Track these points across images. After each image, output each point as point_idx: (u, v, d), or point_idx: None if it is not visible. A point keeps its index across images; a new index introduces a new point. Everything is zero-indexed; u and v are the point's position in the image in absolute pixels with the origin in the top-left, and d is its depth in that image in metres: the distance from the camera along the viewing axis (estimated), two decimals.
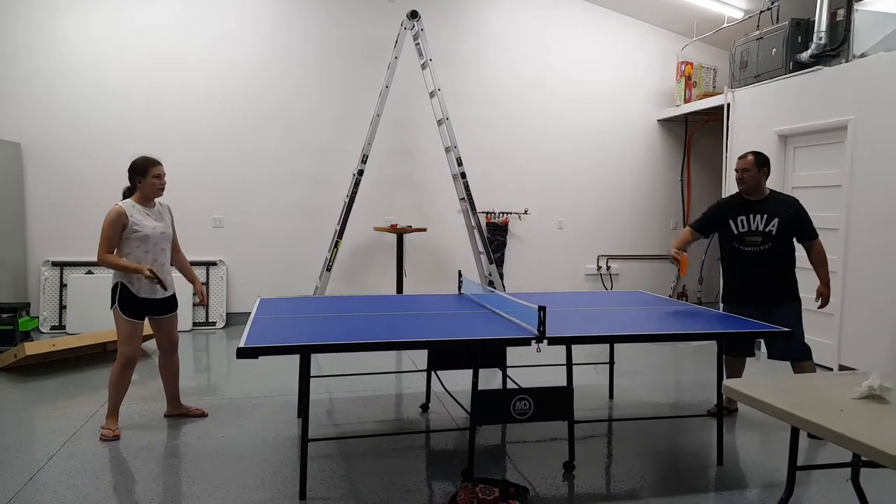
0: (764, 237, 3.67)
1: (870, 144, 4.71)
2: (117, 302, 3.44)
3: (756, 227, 3.69)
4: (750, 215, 3.71)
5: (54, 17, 6.08)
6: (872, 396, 2.11)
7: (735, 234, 3.76)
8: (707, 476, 3.14)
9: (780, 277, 3.70)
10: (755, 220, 3.69)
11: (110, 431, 3.46)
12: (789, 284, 3.73)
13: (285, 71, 6.57)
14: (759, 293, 3.70)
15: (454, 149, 6.28)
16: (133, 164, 3.50)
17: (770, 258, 3.68)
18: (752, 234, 3.71)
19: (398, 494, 2.86)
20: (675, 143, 7.60)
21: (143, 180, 3.48)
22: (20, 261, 6.08)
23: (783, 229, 3.64)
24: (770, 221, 3.65)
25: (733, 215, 3.77)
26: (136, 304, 3.47)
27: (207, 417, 3.84)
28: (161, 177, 3.53)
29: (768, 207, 3.68)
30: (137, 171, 3.49)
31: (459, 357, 3.68)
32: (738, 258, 3.77)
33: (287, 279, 6.56)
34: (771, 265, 3.69)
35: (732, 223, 3.76)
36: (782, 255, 3.69)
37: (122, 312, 3.44)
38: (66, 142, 6.17)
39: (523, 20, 7.07)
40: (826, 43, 5.23)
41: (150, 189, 3.50)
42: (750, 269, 3.74)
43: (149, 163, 3.50)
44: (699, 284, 7.68)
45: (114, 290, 3.46)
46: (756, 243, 3.70)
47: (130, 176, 3.51)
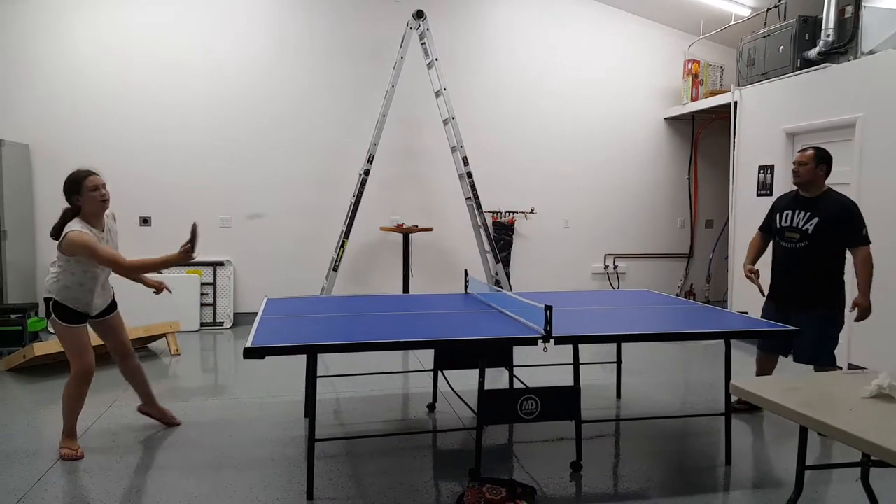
0: (801, 234, 3.54)
1: (878, 142, 4.67)
2: (52, 311, 3.16)
3: (797, 223, 3.56)
4: (796, 210, 3.59)
5: (62, 20, 6.12)
6: (882, 395, 2.10)
7: (777, 227, 3.68)
8: (715, 476, 3.12)
9: (815, 280, 3.53)
10: (798, 216, 3.57)
11: (71, 452, 3.20)
12: (824, 289, 3.54)
13: (292, 72, 6.59)
14: (789, 292, 3.61)
15: (460, 148, 6.27)
16: (65, 184, 3.13)
17: (805, 257, 3.53)
18: (791, 229, 3.59)
19: (405, 494, 2.86)
20: (682, 141, 7.56)
21: (80, 198, 3.10)
22: (29, 262, 6.11)
23: (822, 229, 3.47)
24: (810, 220, 3.51)
25: (781, 209, 3.69)
26: (75, 314, 3.20)
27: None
28: (99, 187, 3.13)
29: (815, 206, 3.54)
30: (72, 189, 3.11)
31: (466, 357, 3.66)
32: (776, 253, 3.71)
33: (294, 279, 6.57)
34: (805, 265, 3.54)
35: (778, 216, 3.69)
36: (820, 257, 3.51)
37: (59, 320, 3.16)
38: (74, 143, 6.19)
39: (529, 19, 7.06)
40: (834, 40, 5.20)
41: (91, 204, 3.13)
42: (784, 265, 3.65)
43: (80, 175, 3.11)
44: (707, 283, 7.65)
45: (47, 301, 3.19)
46: (793, 240, 3.58)
47: (67, 197, 3.13)
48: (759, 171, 5.88)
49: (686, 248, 7.66)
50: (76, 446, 3.26)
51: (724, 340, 3.23)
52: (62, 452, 3.21)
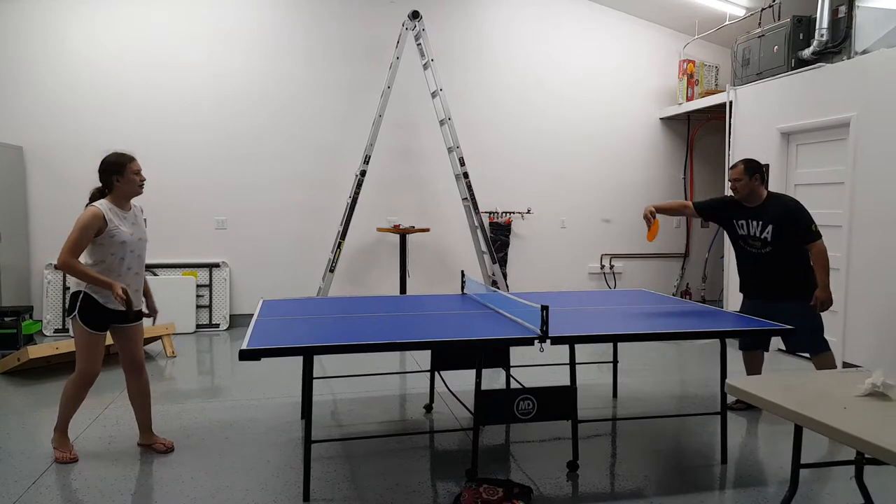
0: (762, 243, 3.70)
1: (872, 141, 4.69)
2: (77, 311, 3.07)
3: (754, 232, 3.73)
4: (749, 220, 3.75)
5: (56, 21, 6.10)
6: (876, 394, 2.11)
7: (739, 234, 3.83)
8: (711, 474, 3.13)
9: (787, 276, 3.69)
10: (753, 225, 3.74)
11: (65, 455, 3.16)
12: (797, 281, 3.69)
13: (287, 72, 6.58)
14: (766, 289, 3.76)
15: (456, 149, 6.28)
16: (106, 163, 3.15)
17: (774, 260, 3.70)
18: (752, 238, 3.75)
19: (402, 495, 2.86)
20: (677, 141, 7.58)
21: (120, 178, 3.13)
22: (23, 264, 6.09)
23: (777, 235, 3.64)
24: (765, 228, 3.67)
25: (737, 217, 3.82)
26: (101, 315, 3.11)
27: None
28: (140, 172, 3.21)
29: (763, 214, 3.70)
30: (114, 170, 3.13)
31: (463, 357, 3.66)
32: (746, 256, 3.85)
33: (290, 280, 6.56)
34: (775, 266, 3.71)
35: (736, 224, 3.83)
36: (786, 257, 3.68)
37: (82, 323, 3.07)
38: (69, 145, 6.18)
39: (525, 19, 7.06)
40: (828, 40, 5.22)
41: (129, 187, 3.16)
42: (756, 267, 3.80)
43: (125, 158, 3.16)
44: (703, 283, 7.67)
45: (74, 296, 3.09)
46: (757, 247, 3.74)
47: (104, 176, 3.15)
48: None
49: (682, 248, 7.68)
50: (69, 447, 3.23)
51: (719, 340, 3.24)
52: (56, 456, 3.18)
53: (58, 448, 3.22)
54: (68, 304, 3.15)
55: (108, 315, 3.14)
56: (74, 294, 3.10)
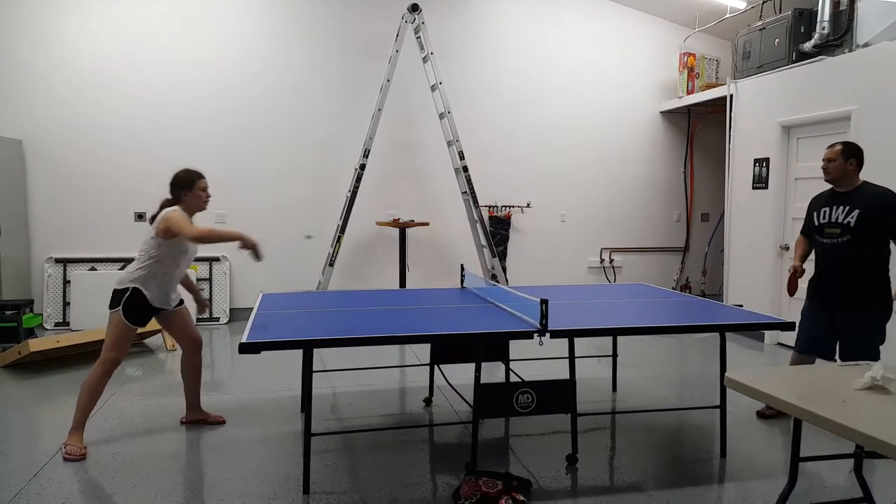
0: (843, 229, 3.40)
1: (873, 135, 4.68)
2: (122, 306, 3.21)
3: (836, 217, 3.44)
4: (833, 206, 3.47)
5: (56, 14, 6.08)
6: (875, 387, 2.11)
7: (816, 225, 3.56)
8: (710, 468, 3.14)
9: (860, 276, 3.38)
10: (836, 211, 3.45)
11: (76, 449, 3.15)
12: (871, 286, 3.38)
13: (286, 66, 6.56)
14: (834, 291, 3.47)
15: (456, 142, 6.26)
16: (177, 178, 3.33)
17: (849, 252, 3.39)
18: (831, 225, 3.46)
19: (401, 488, 2.87)
20: (677, 134, 7.56)
21: (188, 193, 3.31)
22: (23, 258, 6.09)
23: (863, 221, 3.33)
24: (851, 213, 3.38)
25: (818, 207, 3.57)
26: (144, 310, 3.28)
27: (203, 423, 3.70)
28: (206, 189, 3.39)
29: (853, 198, 3.41)
30: (183, 185, 3.32)
31: (462, 351, 3.66)
32: (818, 251, 3.58)
33: (290, 274, 6.56)
34: (849, 260, 3.40)
35: (816, 214, 3.57)
36: (864, 250, 3.37)
37: (125, 318, 3.21)
38: (68, 138, 6.17)
39: (524, 13, 7.04)
40: (829, 33, 5.20)
41: (195, 202, 3.35)
42: (826, 262, 3.52)
43: (194, 175, 3.35)
44: (703, 276, 7.67)
45: (121, 293, 3.23)
46: (834, 235, 3.44)
47: (174, 189, 3.33)
48: (755, 165, 5.88)
49: (682, 242, 7.67)
50: (81, 444, 3.20)
51: (718, 334, 3.24)
52: (66, 451, 3.15)
53: (70, 443, 3.19)
54: (112, 298, 3.26)
55: (151, 310, 3.33)
56: (120, 290, 3.25)
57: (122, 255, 6.20)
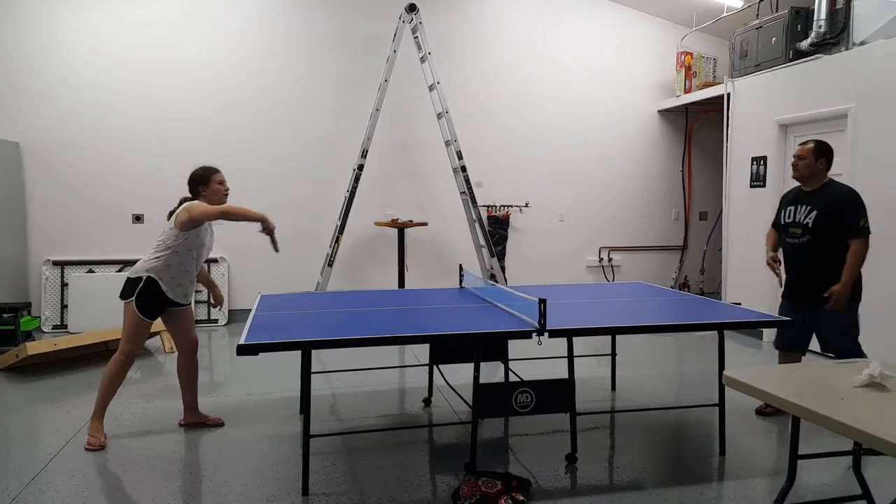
0: (803, 230, 3.47)
1: (870, 132, 4.69)
2: (135, 297, 3.24)
3: (799, 218, 3.49)
4: (798, 205, 3.52)
5: (53, 15, 6.07)
6: (873, 384, 2.11)
7: (781, 224, 3.62)
8: (710, 466, 3.14)
9: (824, 274, 3.40)
10: (800, 210, 3.50)
11: (97, 440, 3.27)
12: (836, 282, 3.37)
13: (284, 66, 6.56)
14: (800, 289, 3.53)
15: (454, 142, 6.26)
16: (194, 175, 3.44)
17: (811, 252, 3.45)
18: (793, 225, 3.53)
19: (401, 489, 2.86)
20: (675, 133, 7.57)
21: (206, 188, 3.41)
22: (21, 260, 6.08)
23: (820, 222, 3.38)
24: (810, 213, 3.43)
25: (785, 205, 3.62)
26: (157, 303, 3.30)
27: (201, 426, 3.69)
28: (224, 183, 3.48)
29: (815, 198, 3.45)
30: (200, 181, 3.42)
31: (461, 351, 3.66)
32: (785, 251, 3.63)
33: (289, 275, 6.55)
34: (813, 260, 3.45)
35: (783, 213, 3.63)
36: (823, 251, 3.41)
37: (138, 310, 3.25)
38: (66, 140, 6.16)
39: (522, 12, 7.04)
40: (826, 31, 5.21)
41: (214, 196, 3.44)
42: (791, 262, 3.58)
43: (209, 171, 3.45)
44: (701, 275, 7.68)
45: (135, 282, 3.25)
46: (796, 235, 3.51)
47: (192, 187, 3.44)
48: (753, 163, 5.89)
49: (680, 241, 7.68)
50: (102, 434, 3.32)
51: (717, 332, 3.24)
52: (88, 441, 3.28)
53: (91, 434, 3.31)
54: (124, 288, 3.29)
55: (164, 302, 3.34)
56: (134, 280, 3.27)
57: (121, 257, 6.19)
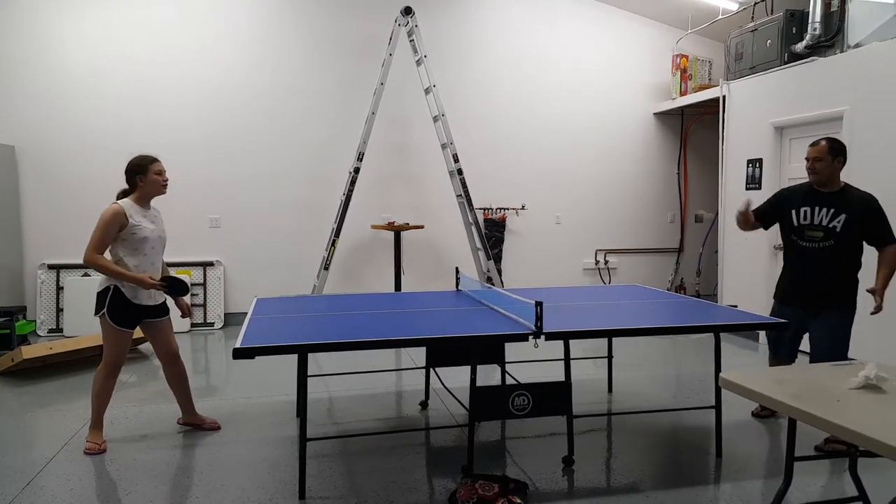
0: (826, 233, 3.28)
1: (865, 134, 4.70)
2: (106, 308, 3.20)
3: (819, 221, 3.29)
4: (816, 207, 3.32)
5: (47, 18, 6.06)
6: (869, 386, 2.11)
7: (795, 226, 3.40)
8: (707, 468, 3.14)
9: (837, 281, 3.32)
10: (820, 213, 3.30)
11: (96, 445, 3.29)
12: (845, 290, 3.33)
13: (280, 69, 6.55)
14: (810, 294, 3.37)
15: (450, 145, 6.27)
16: (131, 164, 3.31)
17: (830, 257, 3.30)
18: (813, 228, 3.32)
19: (398, 492, 2.86)
20: (671, 136, 7.59)
21: (144, 178, 3.28)
22: (16, 264, 6.06)
23: (849, 228, 3.24)
24: (836, 217, 3.25)
25: (797, 205, 3.40)
26: (128, 312, 3.25)
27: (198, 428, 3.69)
28: (162, 173, 3.35)
29: (838, 201, 3.27)
30: (137, 171, 3.29)
31: (458, 354, 3.67)
32: (795, 253, 3.44)
33: (285, 278, 6.55)
34: (829, 265, 3.31)
35: (794, 213, 3.40)
36: (844, 257, 3.29)
37: (110, 321, 3.21)
38: (61, 143, 6.15)
39: (518, 15, 7.05)
40: (821, 33, 5.23)
41: (152, 187, 3.32)
42: (805, 266, 3.39)
43: (147, 160, 3.32)
44: (697, 277, 7.69)
45: (102, 294, 3.22)
46: (816, 239, 3.31)
47: (129, 176, 3.31)
48: (748, 165, 5.90)
49: (676, 243, 7.69)
50: (101, 440, 3.34)
51: (713, 334, 3.24)
52: (87, 447, 3.30)
53: (90, 440, 3.33)
54: (96, 303, 3.26)
55: (138, 311, 3.31)
56: (103, 291, 3.24)
57: None
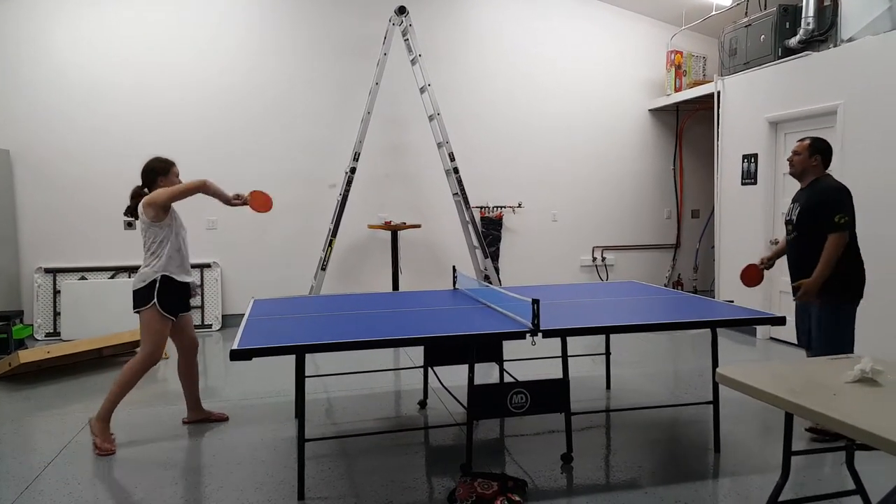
0: (793, 226, 3.49)
1: (859, 128, 4.72)
2: (156, 297, 3.32)
3: (790, 216, 3.52)
4: (794, 203, 3.54)
5: (42, 22, 6.04)
6: (865, 380, 2.12)
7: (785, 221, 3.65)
8: (705, 464, 3.15)
9: (809, 268, 3.36)
10: (792, 208, 3.52)
11: (107, 447, 3.30)
12: (830, 281, 3.32)
13: (275, 70, 6.55)
14: (794, 285, 3.49)
15: (446, 144, 6.27)
16: (151, 166, 3.46)
17: (801, 248, 3.44)
18: (788, 221, 3.56)
19: (397, 491, 2.86)
20: (666, 132, 7.60)
21: (165, 179, 3.43)
22: (13, 268, 6.05)
23: (803, 218, 3.40)
24: (796, 209, 3.47)
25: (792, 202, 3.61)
26: (176, 297, 3.41)
27: (206, 421, 3.80)
28: (179, 176, 3.52)
29: (803, 195, 3.48)
30: (160, 171, 3.44)
31: (456, 352, 3.67)
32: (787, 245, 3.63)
33: (282, 279, 6.55)
34: (799, 256, 3.45)
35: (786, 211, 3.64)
36: (807, 246, 3.38)
37: (161, 309, 3.34)
38: (56, 147, 6.14)
39: (512, 13, 7.05)
40: (814, 28, 5.24)
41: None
42: (788, 258, 3.58)
43: (168, 163, 3.48)
44: (694, 273, 7.70)
45: (149, 287, 3.33)
46: (789, 231, 3.54)
47: (150, 176, 3.44)
48: (744, 160, 5.91)
49: (673, 239, 7.70)
50: (111, 439, 3.37)
51: (710, 329, 3.25)
52: (97, 443, 3.32)
53: (99, 436, 3.34)
54: (136, 300, 3.36)
55: (182, 293, 3.47)
56: (147, 286, 3.34)
57: (113, 263, 6.18)
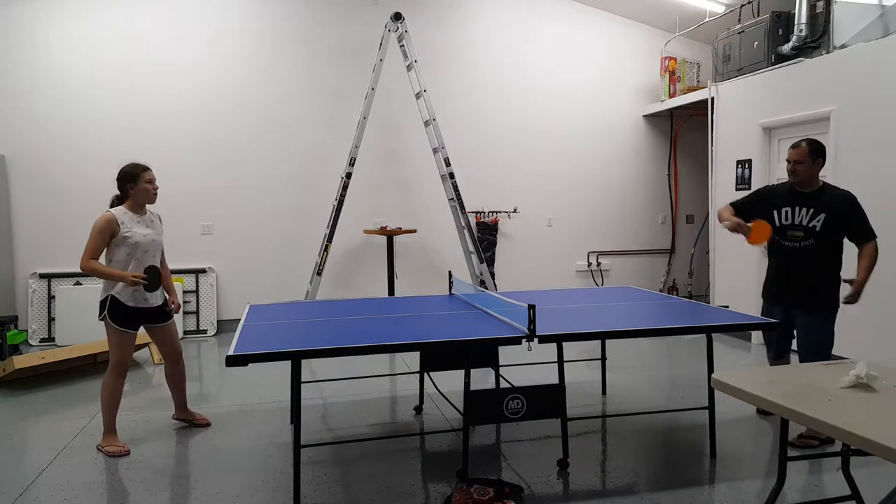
0: (806, 233, 3.33)
1: (852, 134, 4.75)
2: (107, 311, 3.35)
3: (800, 221, 3.34)
4: (797, 207, 3.36)
5: (36, 27, 6.03)
6: (860, 385, 2.13)
7: (777, 226, 3.43)
8: (701, 469, 3.16)
9: (819, 279, 3.35)
10: (800, 213, 3.35)
11: (119, 449, 3.37)
12: (828, 288, 3.35)
13: (271, 75, 6.55)
14: (794, 292, 3.40)
15: (442, 149, 6.28)
16: (122, 172, 3.44)
17: (811, 256, 3.33)
18: (794, 227, 3.37)
19: (393, 497, 2.86)
20: (661, 138, 7.63)
21: (134, 187, 3.41)
22: (7, 273, 6.02)
23: (829, 227, 3.28)
24: (816, 217, 3.30)
25: (778, 205, 3.43)
26: (128, 314, 3.38)
27: (197, 427, 3.79)
28: (153, 181, 3.47)
29: (817, 201, 3.31)
30: (128, 179, 3.42)
31: (452, 358, 3.67)
32: (778, 253, 3.48)
33: (278, 284, 6.53)
34: (810, 264, 3.35)
35: (776, 214, 3.43)
36: (825, 256, 3.32)
37: (112, 322, 3.36)
38: (51, 152, 6.12)
39: (507, 19, 7.08)
40: (807, 35, 5.27)
41: (143, 195, 3.44)
42: (788, 266, 3.42)
43: (138, 168, 3.44)
44: (689, 278, 7.72)
45: (102, 303, 3.38)
46: (797, 238, 3.36)
47: (120, 184, 3.44)
48: (738, 166, 5.94)
49: (668, 244, 7.72)
50: (120, 443, 3.42)
51: (705, 335, 3.26)
52: (108, 450, 3.37)
53: (108, 445, 3.40)
54: (99, 309, 3.40)
55: (138, 314, 3.43)
56: (102, 301, 3.38)
57: None
